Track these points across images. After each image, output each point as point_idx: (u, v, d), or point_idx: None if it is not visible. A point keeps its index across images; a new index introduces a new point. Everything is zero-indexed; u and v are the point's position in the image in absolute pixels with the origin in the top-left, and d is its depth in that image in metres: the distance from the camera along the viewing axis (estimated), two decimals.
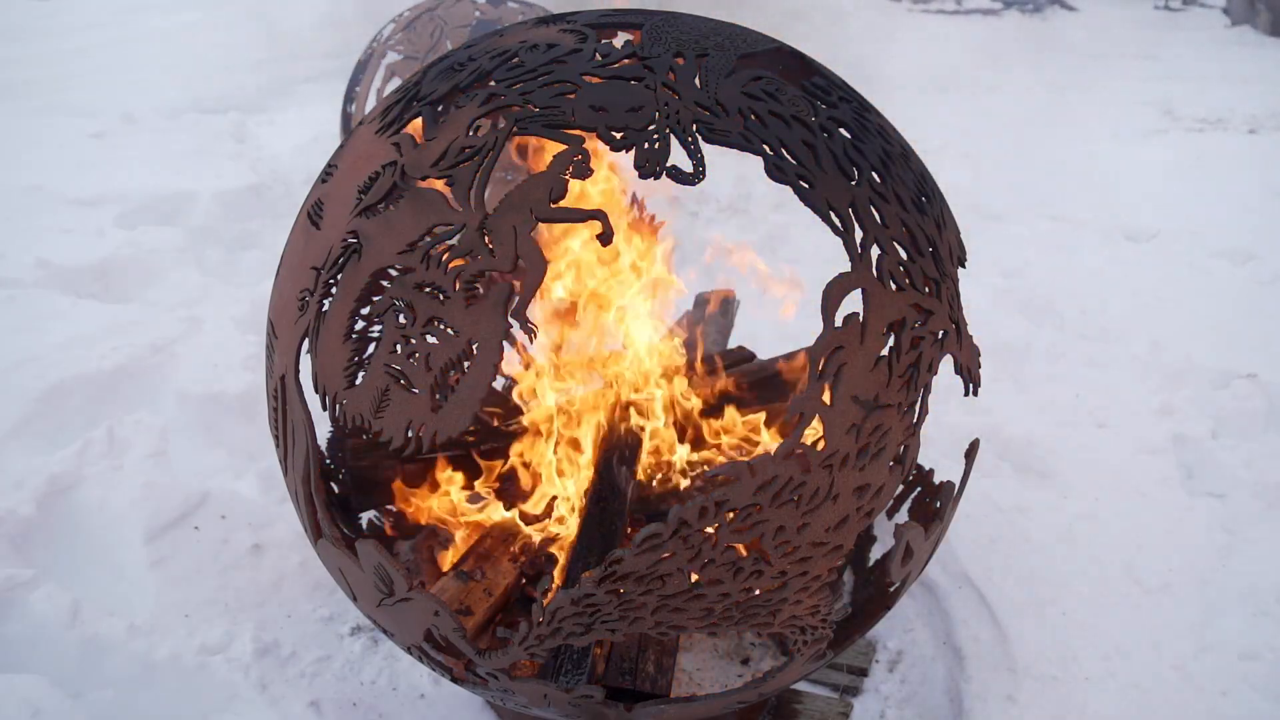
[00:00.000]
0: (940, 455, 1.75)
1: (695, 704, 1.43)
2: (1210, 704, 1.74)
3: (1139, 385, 2.86)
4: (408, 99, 1.29)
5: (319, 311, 1.25)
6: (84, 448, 2.25)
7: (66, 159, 4.85)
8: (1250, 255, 3.80)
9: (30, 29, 9.43)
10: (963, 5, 11.81)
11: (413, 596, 1.30)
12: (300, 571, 2.06)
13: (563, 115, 1.17)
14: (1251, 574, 2.07)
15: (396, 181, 1.20)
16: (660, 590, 1.20)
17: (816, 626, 1.30)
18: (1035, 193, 4.65)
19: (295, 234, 1.37)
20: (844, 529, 1.20)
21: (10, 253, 3.55)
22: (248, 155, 4.85)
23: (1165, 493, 2.34)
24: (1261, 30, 9.21)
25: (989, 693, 1.77)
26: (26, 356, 2.74)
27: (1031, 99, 6.69)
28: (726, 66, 1.23)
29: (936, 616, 2.01)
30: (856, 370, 1.14)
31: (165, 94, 6.47)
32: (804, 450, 1.13)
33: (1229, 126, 6.00)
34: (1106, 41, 9.16)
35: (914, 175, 1.30)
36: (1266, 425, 2.63)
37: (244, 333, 3.02)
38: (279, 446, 1.39)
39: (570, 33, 1.30)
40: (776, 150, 1.17)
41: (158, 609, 1.92)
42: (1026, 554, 2.12)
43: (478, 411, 1.19)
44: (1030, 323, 3.27)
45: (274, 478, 2.33)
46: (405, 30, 3.69)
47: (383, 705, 1.78)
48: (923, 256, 1.23)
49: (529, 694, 1.36)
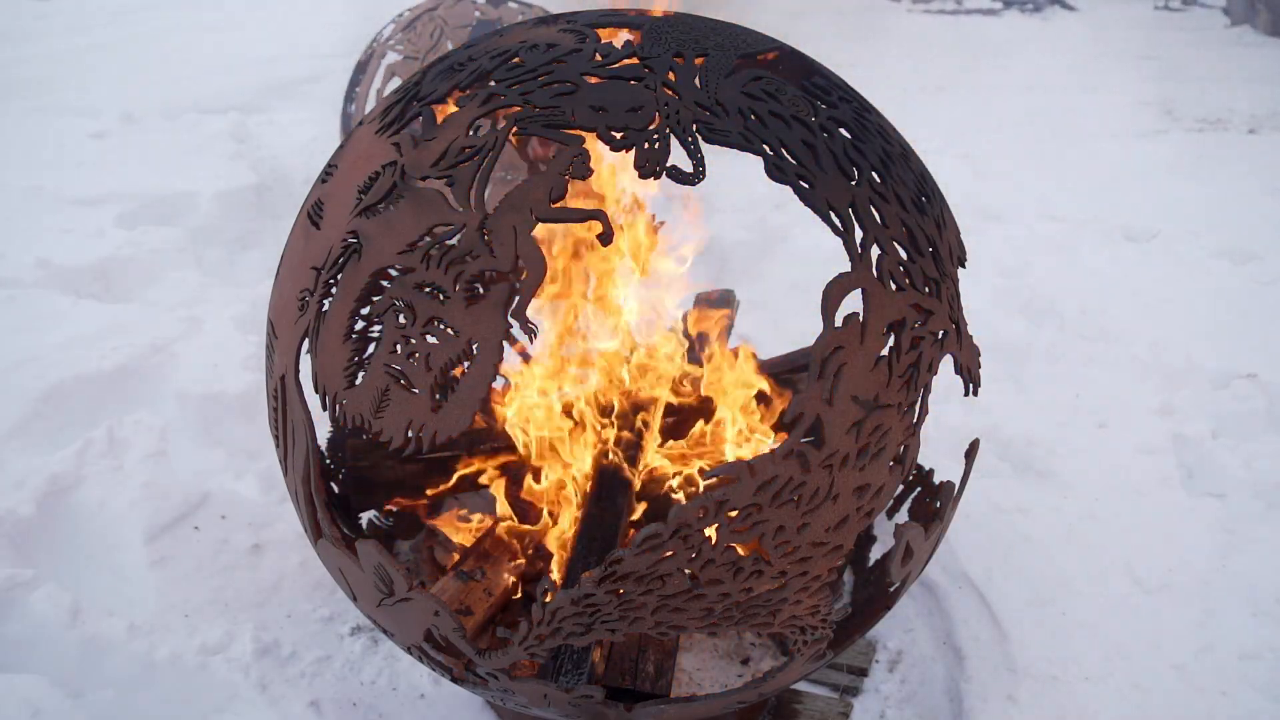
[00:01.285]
0: (940, 455, 1.75)
1: (695, 704, 1.43)
2: (1210, 704, 1.74)
3: (1139, 385, 2.85)
4: (408, 99, 1.29)
5: (319, 311, 1.25)
6: (84, 448, 2.25)
7: (66, 159, 4.85)
8: (1250, 255, 3.80)
9: (30, 29, 9.43)
10: (963, 5, 11.81)
11: (413, 596, 1.30)
12: (300, 571, 2.06)
13: (563, 115, 1.17)
14: (1251, 574, 2.07)
15: (396, 181, 1.20)
16: (660, 590, 1.20)
17: (816, 626, 1.30)
18: (1035, 193, 4.65)
19: (295, 234, 1.37)
20: (844, 529, 1.20)
21: (10, 253, 3.56)
22: (248, 155, 4.85)
23: (1165, 493, 2.34)
24: (1261, 30, 9.21)
25: (989, 693, 1.77)
26: (26, 356, 2.74)
27: (1031, 99, 6.69)
28: (726, 66, 1.23)
29: (936, 616, 2.01)
30: (856, 370, 1.14)
31: (165, 94, 6.47)
32: (804, 450, 1.13)
33: (1229, 126, 5.99)
34: (1106, 41, 9.16)
35: (914, 175, 1.30)
36: (1266, 425, 2.63)
37: (244, 333, 3.02)
38: (279, 446, 1.39)
39: (570, 33, 1.30)
40: (776, 150, 1.17)
41: (158, 609, 1.93)
42: (1026, 554, 2.12)
43: (477, 411, 1.19)
44: (1030, 323, 3.26)
45: (274, 478, 2.33)
46: (405, 30, 3.70)
47: (383, 705, 1.78)
48: (923, 256, 1.23)
49: (529, 694, 1.36)
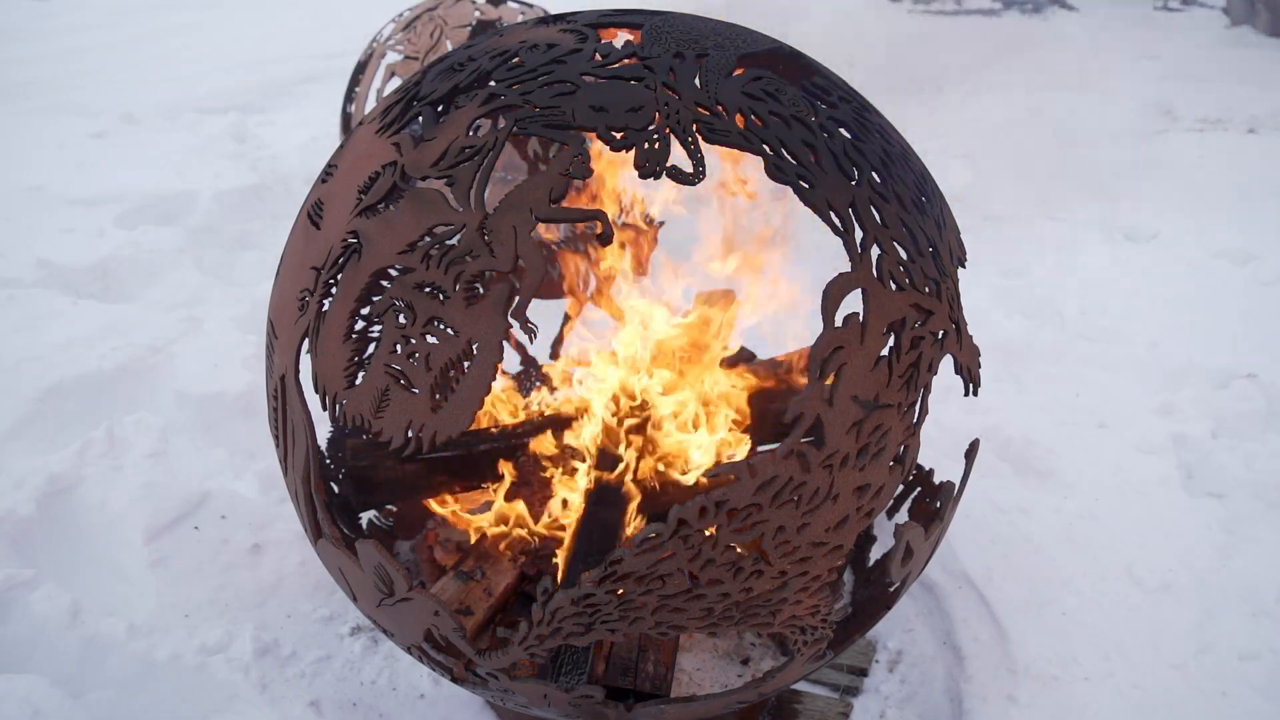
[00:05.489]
0: (940, 455, 1.74)
1: (695, 704, 1.43)
2: (1210, 704, 1.74)
3: (1139, 385, 2.85)
4: (408, 99, 1.29)
5: (319, 311, 1.25)
6: (84, 448, 2.24)
7: (66, 159, 4.84)
8: (1250, 255, 3.80)
9: (30, 29, 9.43)
10: (963, 5, 11.81)
11: (413, 596, 1.30)
12: (300, 571, 2.06)
13: (563, 115, 1.17)
14: (1251, 574, 2.07)
15: (396, 181, 1.20)
16: (660, 590, 1.20)
17: (816, 626, 1.30)
18: (1035, 193, 4.65)
19: (295, 234, 1.37)
20: (844, 529, 1.20)
21: (10, 253, 3.55)
22: (248, 155, 4.84)
23: (1165, 493, 2.34)
24: (1261, 30, 9.20)
25: (989, 693, 1.77)
26: (26, 356, 2.74)
27: (1031, 99, 6.68)
28: (727, 66, 1.23)
29: (936, 616, 2.01)
30: (856, 370, 1.14)
31: (165, 94, 6.47)
32: (804, 450, 1.13)
33: (1229, 126, 5.99)
34: (1106, 41, 9.16)
35: (914, 175, 1.30)
36: (1266, 425, 2.63)
37: (244, 333, 3.02)
38: (279, 446, 1.39)
39: (570, 33, 1.30)
40: (776, 150, 1.17)
41: (158, 609, 1.93)
42: (1026, 554, 2.12)
43: (477, 411, 1.19)
44: (1030, 323, 3.26)
45: (274, 478, 2.33)
46: (405, 30, 3.69)
47: (383, 705, 1.78)
48: (923, 256, 1.23)
49: (529, 694, 1.36)
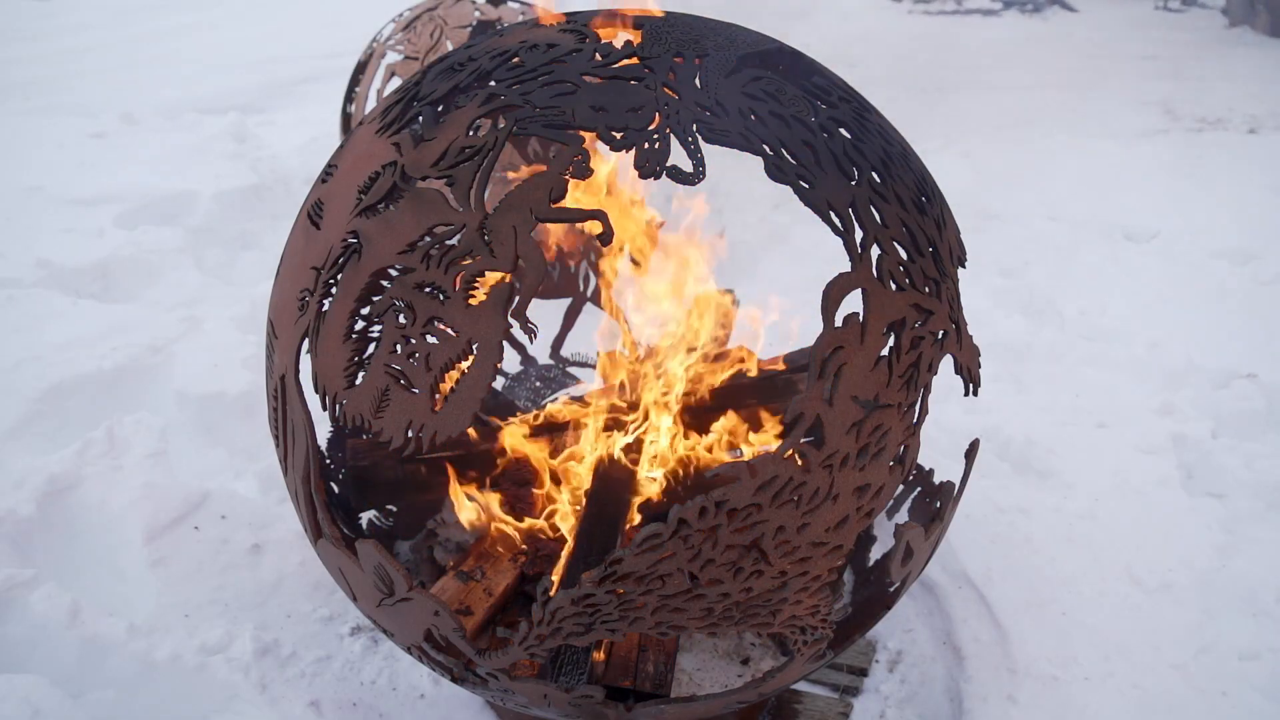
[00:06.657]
0: (940, 455, 1.75)
1: (695, 704, 1.43)
2: (1210, 704, 1.74)
3: (1139, 385, 2.85)
4: (408, 99, 1.29)
5: (319, 311, 1.25)
6: (84, 448, 2.24)
7: (66, 159, 4.85)
8: (1250, 255, 3.80)
9: (30, 29, 9.43)
10: (963, 5, 11.81)
11: (413, 596, 1.30)
12: (300, 571, 2.06)
13: (563, 115, 1.17)
14: (1251, 574, 2.07)
15: (396, 181, 1.20)
16: (660, 590, 1.20)
17: (816, 626, 1.30)
18: (1035, 193, 4.65)
19: (295, 234, 1.37)
20: (844, 529, 1.20)
21: (10, 253, 3.56)
22: (248, 155, 4.85)
23: (1165, 493, 2.34)
24: (1261, 30, 9.21)
25: (989, 693, 1.77)
26: (26, 356, 2.75)
27: (1031, 99, 6.69)
28: (726, 66, 1.23)
29: (936, 616, 2.01)
30: (856, 370, 1.14)
31: (165, 94, 6.48)
32: (804, 450, 1.13)
33: (1229, 126, 5.99)
34: (1106, 41, 9.16)
35: (914, 175, 1.30)
36: (1266, 425, 2.63)
37: (244, 333, 3.03)
38: (279, 446, 1.39)
39: (570, 33, 1.30)
40: (776, 150, 1.17)
41: (158, 609, 1.92)
42: (1026, 554, 2.12)
43: (477, 411, 1.19)
44: (1030, 323, 3.27)
45: (274, 478, 2.33)
46: (405, 30, 3.69)
47: (383, 705, 1.78)
48: (923, 256, 1.23)
49: (529, 694, 1.36)
